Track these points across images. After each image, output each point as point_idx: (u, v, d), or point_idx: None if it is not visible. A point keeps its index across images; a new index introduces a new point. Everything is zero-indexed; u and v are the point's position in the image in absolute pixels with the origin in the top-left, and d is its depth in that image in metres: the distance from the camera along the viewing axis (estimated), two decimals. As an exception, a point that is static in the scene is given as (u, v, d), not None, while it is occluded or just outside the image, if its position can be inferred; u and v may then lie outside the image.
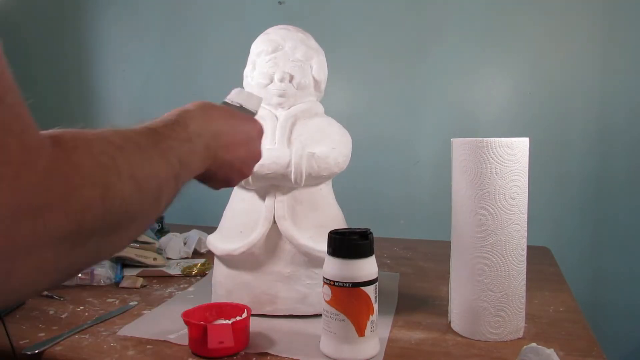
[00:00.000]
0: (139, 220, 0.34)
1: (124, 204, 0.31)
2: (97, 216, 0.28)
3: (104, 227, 0.30)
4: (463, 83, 1.32)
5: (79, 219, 0.27)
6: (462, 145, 0.61)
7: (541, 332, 0.64)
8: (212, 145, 0.45)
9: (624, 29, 1.21)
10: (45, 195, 0.25)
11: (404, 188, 1.38)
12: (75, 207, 0.27)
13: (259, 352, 0.58)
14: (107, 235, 0.31)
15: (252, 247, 0.68)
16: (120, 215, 0.31)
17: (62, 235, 0.26)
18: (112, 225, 0.30)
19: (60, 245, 0.27)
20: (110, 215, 0.30)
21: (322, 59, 0.75)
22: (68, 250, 0.28)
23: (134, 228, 0.34)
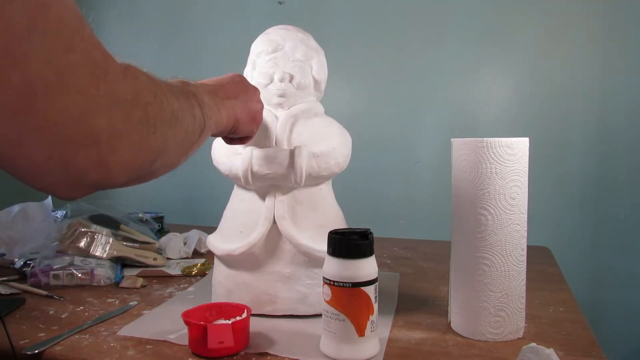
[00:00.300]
0: (185, 130, 0.43)
1: (170, 107, 0.40)
2: (156, 111, 0.37)
3: (163, 121, 0.38)
4: (463, 83, 1.33)
5: (146, 111, 0.36)
6: (462, 145, 0.61)
7: (541, 332, 0.64)
8: (220, 95, 0.55)
9: (624, 29, 1.21)
10: (125, 91, 0.34)
11: (404, 188, 1.38)
12: (141, 101, 0.36)
13: (259, 352, 0.58)
14: (166, 132, 0.39)
15: (252, 247, 0.68)
16: (170, 115, 0.40)
17: (139, 121, 0.35)
18: (167, 122, 0.39)
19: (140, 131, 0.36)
20: (163, 112, 0.39)
21: (322, 59, 0.75)
22: (145, 136, 0.37)
23: (182, 135, 0.42)
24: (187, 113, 0.43)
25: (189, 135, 0.44)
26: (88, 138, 0.31)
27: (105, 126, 0.32)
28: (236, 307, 0.63)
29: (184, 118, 0.42)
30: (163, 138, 0.39)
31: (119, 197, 1.64)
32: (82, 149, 0.32)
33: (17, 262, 0.90)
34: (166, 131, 0.39)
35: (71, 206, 1.00)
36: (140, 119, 0.35)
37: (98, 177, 0.34)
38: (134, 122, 0.35)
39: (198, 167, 1.51)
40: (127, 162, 0.35)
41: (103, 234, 0.92)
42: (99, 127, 0.32)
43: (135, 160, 0.36)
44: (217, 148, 0.73)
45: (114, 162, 0.34)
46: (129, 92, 0.34)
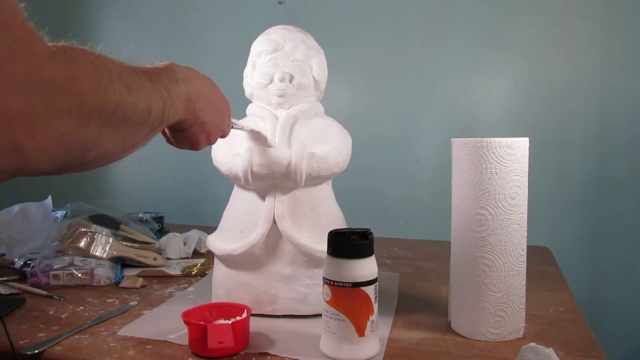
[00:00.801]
0: (131, 125, 0.39)
1: (116, 98, 0.36)
2: (94, 102, 0.34)
3: (101, 114, 0.35)
4: (463, 83, 1.32)
5: (79, 100, 0.33)
6: (462, 145, 0.61)
7: (541, 332, 0.64)
8: (193, 99, 0.50)
9: (624, 29, 1.21)
10: (51, 74, 0.31)
11: (404, 188, 1.38)
12: (75, 89, 0.33)
13: (259, 352, 0.58)
14: (105, 126, 0.36)
15: (252, 247, 0.68)
16: (113, 109, 0.36)
17: (67, 109, 0.32)
18: (107, 115, 0.36)
19: (68, 120, 0.33)
20: (105, 104, 0.35)
21: (322, 59, 0.75)
22: (75, 127, 0.33)
23: (126, 131, 0.39)
24: (138, 110, 0.39)
25: (134, 133, 0.41)
26: (2, 118, 0.29)
27: (20, 108, 0.30)
28: (236, 307, 0.63)
29: (132, 115, 0.39)
30: (98, 131, 0.35)
31: (119, 197, 1.64)
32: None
33: (17, 262, 0.90)
34: (105, 124, 0.36)
35: (71, 206, 1.00)
36: (70, 108, 0.32)
37: (13, 161, 0.32)
38: (60, 109, 0.32)
39: (198, 167, 1.51)
40: (48, 150, 0.33)
41: (103, 234, 0.92)
42: (13, 107, 0.29)
43: (59, 150, 0.34)
44: (217, 148, 0.73)
45: (31, 148, 0.31)
46: (57, 77, 0.31)
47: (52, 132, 0.32)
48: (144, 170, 1.64)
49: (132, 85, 0.38)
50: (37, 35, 0.31)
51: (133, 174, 1.66)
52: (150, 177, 1.63)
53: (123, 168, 1.67)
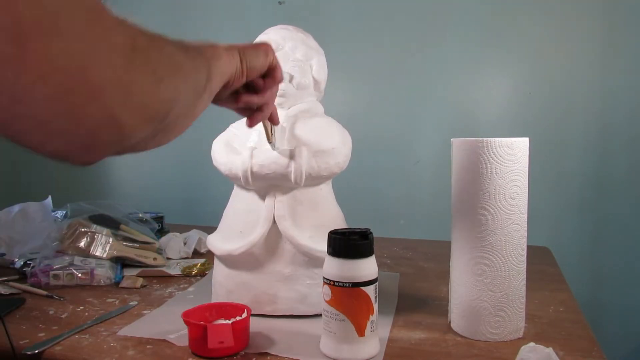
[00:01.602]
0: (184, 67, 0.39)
1: (167, 48, 0.36)
2: (156, 55, 0.34)
3: (163, 64, 0.35)
4: (463, 83, 1.32)
5: (146, 57, 0.33)
6: (462, 145, 0.61)
7: (541, 332, 0.64)
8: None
9: (624, 29, 1.21)
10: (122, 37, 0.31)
11: (404, 188, 1.38)
12: (139, 46, 0.32)
13: (259, 352, 0.58)
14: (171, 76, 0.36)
15: (252, 247, 0.68)
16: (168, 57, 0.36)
17: (142, 68, 0.32)
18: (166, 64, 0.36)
19: (147, 80, 0.33)
20: (162, 55, 0.35)
21: (322, 59, 0.75)
22: (154, 85, 0.33)
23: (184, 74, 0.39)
24: (184, 55, 0.39)
25: (195, 79, 0.41)
26: (93, 88, 0.29)
27: (110, 76, 0.29)
28: (236, 307, 0.63)
29: (184, 60, 0.39)
30: (172, 84, 0.36)
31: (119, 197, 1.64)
32: (89, 102, 0.29)
33: (17, 262, 0.90)
34: (172, 76, 0.36)
35: (71, 206, 1.00)
36: (144, 66, 0.33)
37: (112, 133, 0.31)
38: (138, 69, 0.32)
39: (198, 167, 1.51)
40: (139, 114, 0.33)
41: (103, 234, 0.92)
42: (104, 76, 0.29)
43: (148, 112, 0.34)
44: (217, 148, 0.73)
45: (126, 116, 0.31)
46: (127, 37, 0.31)
47: (139, 94, 0.32)
48: (144, 170, 1.64)
49: (173, 42, 0.38)
50: (102, 3, 0.31)
51: (133, 174, 1.66)
52: (150, 177, 1.63)
53: (123, 168, 1.67)
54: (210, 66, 0.44)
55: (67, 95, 0.28)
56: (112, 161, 1.68)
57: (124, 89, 0.31)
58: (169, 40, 0.38)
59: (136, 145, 0.36)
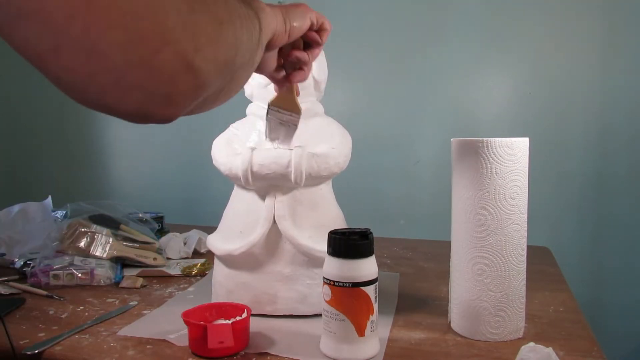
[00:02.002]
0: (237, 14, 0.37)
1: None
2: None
3: (220, 8, 0.33)
4: (463, 83, 1.32)
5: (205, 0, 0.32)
6: (462, 145, 0.61)
7: (541, 332, 0.64)
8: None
9: (624, 29, 1.21)
10: None
11: (404, 188, 1.38)
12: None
13: (259, 352, 0.58)
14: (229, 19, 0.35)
15: (252, 247, 0.68)
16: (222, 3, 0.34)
17: (202, 11, 0.31)
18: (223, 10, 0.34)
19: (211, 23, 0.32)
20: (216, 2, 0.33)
21: (322, 59, 0.75)
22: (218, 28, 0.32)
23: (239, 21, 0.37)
24: (239, 5, 0.38)
25: (250, 27, 0.39)
26: (165, 34, 0.28)
27: (177, 20, 0.28)
28: (236, 307, 0.63)
29: (238, 7, 0.37)
30: (232, 28, 0.35)
31: (119, 197, 1.64)
32: (162, 48, 0.28)
33: (17, 262, 0.90)
34: (230, 20, 0.35)
35: (71, 206, 1.00)
36: (204, 11, 0.31)
37: (189, 81, 0.31)
38: (200, 14, 0.31)
39: (198, 167, 1.51)
40: (212, 59, 0.32)
41: (103, 234, 0.92)
42: (171, 21, 0.28)
43: (219, 56, 0.33)
44: (217, 148, 0.73)
45: (200, 61, 0.30)
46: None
47: (207, 38, 0.31)
48: (144, 170, 1.64)
49: None
50: None
51: (133, 174, 1.66)
52: (150, 177, 1.63)
53: (123, 168, 1.67)
54: (259, 16, 0.43)
55: (140, 43, 0.27)
56: (112, 161, 1.68)
57: (192, 32, 0.30)
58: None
59: (208, 100, 0.35)
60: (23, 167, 1.79)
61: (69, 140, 1.72)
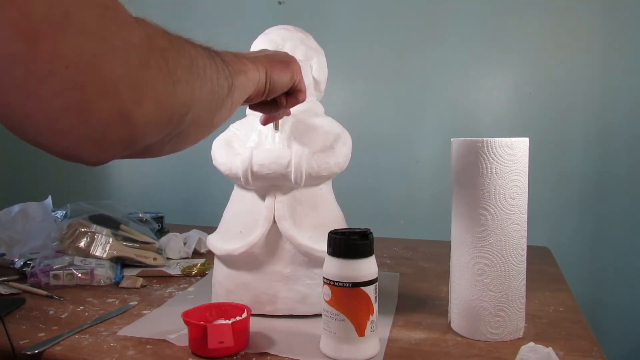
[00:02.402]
0: (209, 77, 0.38)
1: (189, 50, 0.36)
2: (174, 56, 0.34)
3: (183, 66, 0.35)
4: (463, 83, 1.33)
5: (164, 56, 0.33)
6: (462, 145, 0.61)
7: (541, 332, 0.64)
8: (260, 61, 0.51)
9: (624, 29, 1.21)
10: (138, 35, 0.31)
11: (404, 188, 1.38)
12: (157, 46, 0.32)
13: (259, 352, 0.58)
14: (190, 79, 0.35)
15: (252, 247, 0.68)
16: (190, 59, 0.36)
17: (158, 67, 0.32)
18: (188, 67, 0.35)
19: (162, 80, 0.32)
20: (182, 56, 0.35)
21: (322, 59, 0.75)
22: (170, 86, 0.33)
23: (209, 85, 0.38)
24: (207, 62, 0.39)
25: (216, 88, 0.40)
26: (105, 85, 0.28)
27: (123, 73, 0.29)
28: (236, 307, 0.63)
29: (206, 67, 0.38)
30: (189, 87, 0.35)
31: (119, 197, 1.64)
32: (101, 98, 0.28)
33: (17, 262, 0.90)
34: (190, 80, 0.35)
35: (71, 206, 1.00)
36: (160, 66, 0.32)
37: (122, 132, 0.31)
38: (154, 69, 0.31)
39: (198, 167, 1.51)
40: (153, 115, 0.32)
41: (103, 234, 0.92)
42: (116, 73, 0.29)
43: (163, 114, 0.33)
44: (217, 148, 0.73)
45: (138, 115, 0.31)
46: (143, 37, 0.31)
47: (154, 95, 0.31)
48: (144, 170, 1.64)
49: (194, 45, 0.38)
50: (119, 1, 0.31)
51: (133, 174, 1.66)
52: (150, 177, 1.63)
53: (123, 168, 1.67)
54: (233, 79, 0.43)
55: (78, 91, 0.27)
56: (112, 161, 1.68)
57: (137, 87, 0.30)
58: (193, 44, 0.38)
59: (150, 148, 0.36)
60: (23, 167, 1.79)
61: (69, 140, 1.72)
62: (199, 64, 0.37)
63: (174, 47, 0.34)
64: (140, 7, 1.23)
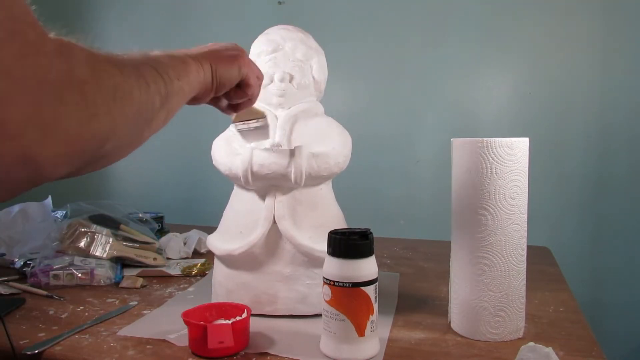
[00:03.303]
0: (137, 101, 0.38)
1: (113, 79, 0.35)
2: (94, 87, 0.33)
3: (104, 97, 0.34)
4: (463, 83, 1.33)
5: (81, 90, 0.32)
6: (462, 145, 0.61)
7: (541, 332, 0.64)
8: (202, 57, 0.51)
9: (624, 29, 1.21)
10: (57, 71, 0.30)
11: (404, 188, 1.38)
12: (76, 79, 0.32)
13: (259, 352, 0.58)
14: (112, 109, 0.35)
15: (252, 247, 0.68)
16: (114, 88, 0.35)
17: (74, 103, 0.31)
18: (110, 97, 0.34)
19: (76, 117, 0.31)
20: (104, 85, 0.34)
21: (322, 58, 0.75)
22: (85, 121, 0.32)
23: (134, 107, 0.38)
24: (135, 83, 0.38)
25: (145, 107, 0.39)
26: (7, 128, 0.27)
27: (29, 113, 0.28)
28: (236, 307, 0.63)
29: (133, 89, 0.37)
30: (109, 117, 0.34)
31: (119, 197, 1.64)
32: (2, 141, 0.28)
33: (17, 262, 0.90)
34: (111, 109, 0.34)
35: (71, 206, 1.00)
36: (77, 102, 0.31)
37: (26, 171, 0.30)
38: (69, 105, 0.31)
39: (198, 167, 1.51)
40: (62, 155, 0.31)
41: (103, 234, 0.92)
42: (21, 114, 0.28)
43: (74, 151, 0.32)
44: (217, 148, 0.73)
45: (43, 156, 0.30)
46: (63, 71, 0.31)
47: (64, 135, 0.31)
48: (144, 170, 1.64)
49: (120, 66, 0.37)
50: (46, 34, 0.30)
51: (133, 174, 1.66)
52: (150, 177, 1.63)
53: (123, 168, 1.67)
54: (168, 88, 0.43)
55: None
56: (112, 161, 1.68)
57: (46, 126, 0.29)
58: (121, 65, 0.37)
59: (65, 177, 0.35)
60: (23, 167, 1.79)
61: (69, 140, 1.72)
62: (125, 89, 0.36)
63: (94, 76, 0.33)
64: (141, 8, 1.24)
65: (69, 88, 0.31)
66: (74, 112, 0.31)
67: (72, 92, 0.31)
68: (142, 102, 0.39)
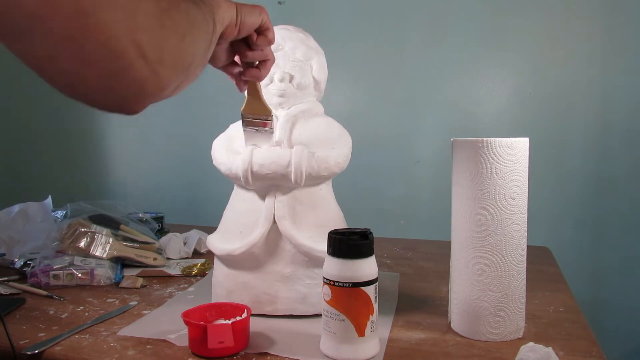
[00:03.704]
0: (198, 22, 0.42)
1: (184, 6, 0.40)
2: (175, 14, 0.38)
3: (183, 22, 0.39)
4: (463, 83, 1.32)
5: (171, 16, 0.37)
6: (462, 145, 0.61)
7: (541, 332, 0.64)
8: None
9: (623, 29, 1.21)
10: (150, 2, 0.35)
11: (404, 188, 1.38)
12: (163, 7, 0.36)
13: (259, 352, 0.58)
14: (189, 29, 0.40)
15: (252, 247, 0.68)
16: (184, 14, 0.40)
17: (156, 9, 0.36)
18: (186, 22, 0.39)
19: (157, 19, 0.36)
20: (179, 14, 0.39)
21: (322, 59, 0.75)
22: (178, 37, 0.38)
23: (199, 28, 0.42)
24: (196, 10, 0.43)
25: (207, 30, 0.45)
26: (139, 49, 0.34)
27: (147, 37, 0.34)
28: (236, 307, 0.63)
29: (197, 16, 0.43)
30: (191, 38, 0.40)
31: (119, 197, 1.64)
32: (134, 62, 0.34)
33: (17, 262, 0.90)
34: (191, 31, 0.40)
35: (71, 206, 1.00)
36: (169, 26, 0.37)
37: (154, 85, 0.37)
38: (167, 29, 0.36)
39: (198, 167, 1.51)
40: (173, 67, 0.38)
41: (103, 234, 0.92)
42: (143, 38, 0.34)
43: (179, 65, 0.39)
44: (217, 148, 0.73)
45: (162, 69, 0.37)
46: (154, 2, 0.36)
47: (171, 53, 0.37)
48: (144, 170, 1.64)
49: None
50: None
51: (133, 174, 1.66)
52: (150, 177, 1.63)
53: (123, 168, 1.67)
54: (214, 13, 0.47)
55: (122, 56, 0.33)
56: (112, 161, 1.68)
57: (160, 47, 0.36)
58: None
59: (169, 94, 0.41)
60: (23, 167, 1.79)
61: (69, 140, 1.72)
62: (193, 14, 0.42)
63: (173, 6, 0.38)
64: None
65: (162, 16, 0.36)
66: (171, 34, 0.37)
67: (165, 18, 0.36)
68: (204, 26, 0.44)
